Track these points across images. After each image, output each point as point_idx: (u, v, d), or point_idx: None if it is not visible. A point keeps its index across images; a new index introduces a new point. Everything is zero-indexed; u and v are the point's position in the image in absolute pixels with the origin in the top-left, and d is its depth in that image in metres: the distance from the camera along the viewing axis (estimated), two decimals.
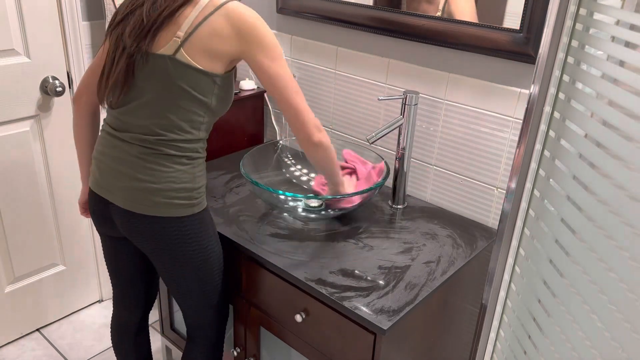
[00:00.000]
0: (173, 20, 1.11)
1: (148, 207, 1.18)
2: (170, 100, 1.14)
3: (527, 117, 0.93)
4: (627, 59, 0.74)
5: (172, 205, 1.18)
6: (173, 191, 1.18)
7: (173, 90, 1.13)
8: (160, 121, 1.15)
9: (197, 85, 1.13)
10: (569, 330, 0.85)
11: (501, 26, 1.31)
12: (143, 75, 1.13)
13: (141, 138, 1.16)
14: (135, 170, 1.17)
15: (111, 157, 1.20)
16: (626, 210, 0.71)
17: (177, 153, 1.17)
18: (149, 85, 1.13)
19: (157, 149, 1.16)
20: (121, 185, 1.19)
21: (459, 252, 1.34)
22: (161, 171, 1.17)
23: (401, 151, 1.49)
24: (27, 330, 2.05)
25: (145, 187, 1.17)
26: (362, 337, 1.14)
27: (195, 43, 1.11)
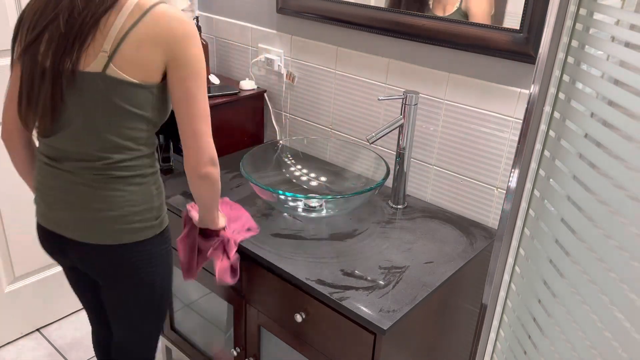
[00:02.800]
0: (98, 29, 0.99)
1: (109, 237, 1.09)
2: (107, 120, 1.03)
3: (527, 117, 0.93)
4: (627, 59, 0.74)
5: (135, 230, 1.10)
6: (133, 215, 1.09)
7: (108, 108, 1.02)
8: (102, 144, 1.05)
9: (133, 99, 1.03)
10: (569, 330, 0.85)
11: (501, 26, 1.31)
12: (73, 98, 1.02)
13: (85, 166, 1.06)
14: (87, 199, 1.07)
15: (55, 188, 1.10)
16: (626, 210, 0.71)
17: (128, 173, 1.08)
18: (82, 107, 1.03)
19: (106, 174, 1.06)
20: (74, 217, 1.09)
21: (458, 252, 1.34)
22: (116, 196, 1.07)
23: (401, 151, 1.49)
24: (27, 330, 2.05)
25: (103, 216, 1.08)
26: (362, 337, 1.14)
27: (125, 55, 1.00)
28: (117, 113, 1.03)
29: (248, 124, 1.91)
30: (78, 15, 0.98)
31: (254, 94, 1.88)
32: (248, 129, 1.92)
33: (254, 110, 1.91)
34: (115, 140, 1.05)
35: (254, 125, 1.94)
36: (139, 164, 1.10)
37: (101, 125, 1.04)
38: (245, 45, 1.95)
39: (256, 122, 1.94)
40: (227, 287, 1.46)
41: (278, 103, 1.92)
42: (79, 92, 1.02)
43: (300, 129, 1.88)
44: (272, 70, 1.88)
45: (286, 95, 1.88)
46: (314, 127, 1.84)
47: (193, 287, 1.68)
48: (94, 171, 1.06)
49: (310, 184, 1.63)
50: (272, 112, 1.95)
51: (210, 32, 2.07)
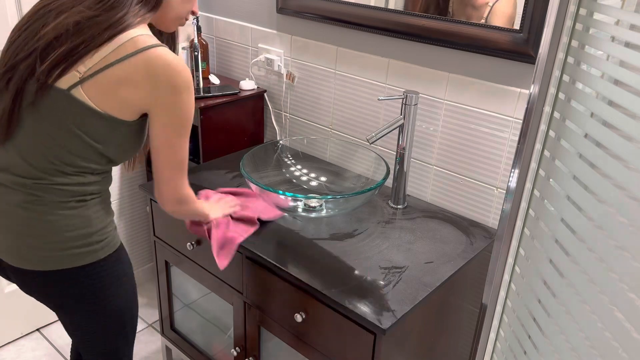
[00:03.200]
0: (88, 56, 0.94)
1: (40, 263, 1.01)
2: (57, 142, 0.97)
3: (527, 117, 0.93)
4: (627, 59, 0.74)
5: (70, 256, 1.02)
6: (68, 241, 1.02)
7: (62, 131, 0.96)
8: (42, 163, 0.98)
9: (91, 130, 0.97)
10: (569, 330, 0.85)
11: (501, 26, 1.31)
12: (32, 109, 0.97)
13: (17, 181, 0.99)
14: (18, 223, 1.00)
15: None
16: (626, 210, 0.71)
17: (63, 199, 1.01)
18: (37, 122, 0.97)
19: (37, 195, 0.99)
20: (8, 241, 1.02)
21: (458, 252, 1.34)
22: (48, 221, 1.00)
23: (401, 151, 1.49)
24: (27, 330, 2.05)
25: (32, 244, 1.01)
26: (362, 337, 1.14)
27: (100, 84, 0.94)
28: (69, 138, 0.97)
29: (248, 124, 1.91)
30: (83, 35, 0.93)
31: (254, 94, 1.88)
32: (248, 129, 1.92)
33: (254, 110, 1.91)
34: (58, 164, 0.99)
35: (254, 125, 1.94)
36: (78, 190, 1.02)
37: (50, 143, 0.97)
38: (245, 45, 1.95)
39: (256, 122, 1.94)
40: (227, 287, 1.46)
41: (278, 103, 1.92)
42: (40, 105, 0.96)
43: (300, 129, 1.88)
44: (272, 70, 1.88)
45: (286, 95, 1.88)
46: (314, 127, 1.84)
47: (193, 287, 1.68)
48: (26, 188, 0.99)
49: (310, 184, 1.63)
50: (272, 112, 1.95)
51: (210, 32, 2.07)
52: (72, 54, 0.93)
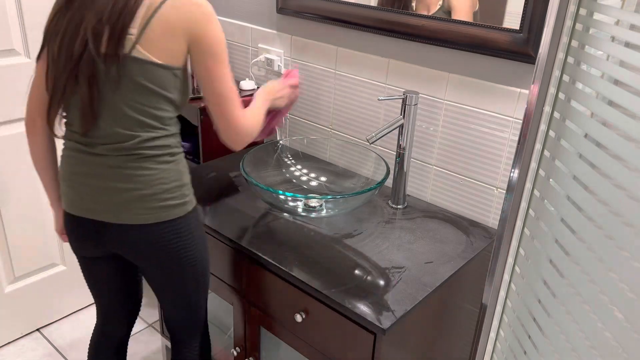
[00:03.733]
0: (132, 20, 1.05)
1: (143, 216, 1.13)
2: (134, 99, 1.08)
3: (527, 117, 0.93)
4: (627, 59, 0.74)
5: (167, 208, 1.14)
6: (165, 192, 1.13)
7: (135, 89, 1.07)
8: (130, 124, 1.09)
9: (157, 80, 1.08)
10: (569, 330, 0.85)
11: (501, 26, 1.31)
12: (106, 82, 1.07)
13: (116, 147, 1.10)
14: (120, 181, 1.11)
15: (85, 175, 1.13)
16: (626, 210, 0.71)
17: (158, 152, 1.13)
18: (110, 91, 1.07)
19: (137, 153, 1.11)
20: (108, 201, 1.12)
21: (458, 252, 1.34)
22: (148, 175, 1.12)
23: (401, 151, 1.49)
24: (27, 330, 2.05)
25: (136, 196, 1.12)
26: (362, 337, 1.14)
27: (150, 38, 1.05)
28: (143, 93, 1.08)
29: None
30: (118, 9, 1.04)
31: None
32: None
33: None
34: (143, 119, 1.09)
35: None
36: (167, 143, 1.14)
37: (129, 105, 1.08)
38: (245, 45, 1.95)
39: None
40: (226, 287, 1.46)
41: None
42: (113, 76, 1.06)
43: (300, 129, 1.88)
44: (272, 70, 1.88)
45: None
46: (314, 127, 1.84)
47: None
48: (125, 151, 1.10)
49: (310, 184, 1.63)
50: None
51: None
52: (118, 23, 1.04)
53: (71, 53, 1.06)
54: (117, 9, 1.04)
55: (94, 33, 1.05)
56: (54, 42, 1.10)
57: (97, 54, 1.05)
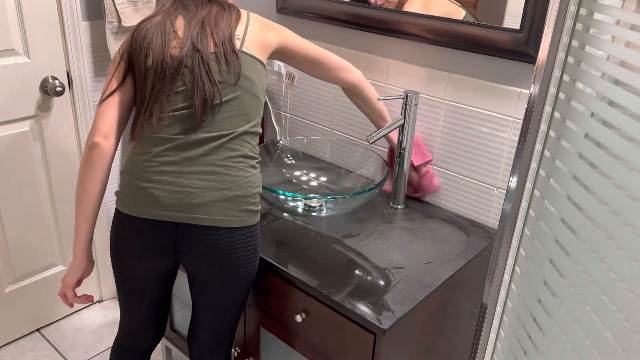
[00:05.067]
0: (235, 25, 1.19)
1: (226, 218, 1.13)
2: (246, 90, 1.15)
3: (527, 117, 0.93)
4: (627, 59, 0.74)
5: (247, 212, 1.15)
6: (250, 197, 1.16)
7: (247, 80, 1.16)
8: (235, 114, 1.15)
9: (260, 74, 1.18)
10: (569, 330, 0.85)
11: (501, 26, 1.31)
12: (217, 72, 1.14)
13: (217, 136, 1.13)
14: (216, 180, 1.12)
15: (179, 173, 1.12)
16: (626, 210, 0.71)
17: (250, 153, 1.17)
18: (226, 84, 1.14)
19: (236, 149, 1.14)
20: (200, 201, 1.11)
21: (459, 252, 1.34)
22: (240, 176, 1.15)
23: (401, 151, 1.49)
24: (27, 330, 2.05)
25: (225, 196, 1.13)
26: (362, 337, 1.14)
27: (250, 38, 1.19)
28: (250, 87, 1.16)
29: None
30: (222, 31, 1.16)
31: None
32: None
33: None
34: (250, 112, 1.17)
35: None
36: (255, 149, 1.20)
37: (240, 99, 1.15)
38: None
39: None
40: None
41: (278, 103, 1.92)
42: (226, 72, 1.13)
43: (300, 129, 1.88)
44: (272, 70, 1.88)
45: (286, 95, 1.88)
46: (314, 127, 1.84)
47: None
48: (227, 143, 1.14)
49: (310, 184, 1.63)
50: (272, 112, 1.95)
51: None
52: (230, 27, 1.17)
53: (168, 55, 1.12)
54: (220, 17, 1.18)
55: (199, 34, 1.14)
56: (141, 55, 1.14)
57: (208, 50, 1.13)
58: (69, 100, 1.87)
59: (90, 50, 1.86)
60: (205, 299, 1.24)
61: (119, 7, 1.74)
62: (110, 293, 2.25)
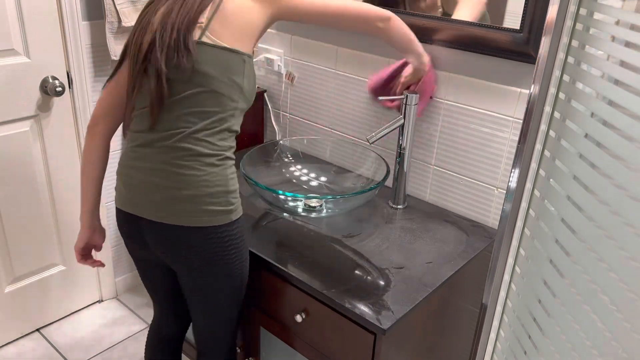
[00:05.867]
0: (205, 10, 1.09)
1: (181, 217, 1.10)
2: (203, 86, 1.08)
3: (527, 117, 0.93)
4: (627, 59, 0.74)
5: (207, 213, 1.10)
6: (207, 196, 1.10)
7: (203, 76, 1.07)
8: (191, 112, 1.09)
9: (227, 65, 1.08)
10: (569, 330, 0.85)
11: (501, 26, 1.31)
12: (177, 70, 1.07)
13: (169, 135, 1.09)
14: (166, 178, 1.10)
15: (141, 170, 1.13)
16: (626, 210, 0.71)
17: (207, 151, 1.10)
18: (179, 80, 1.08)
19: (185, 147, 1.09)
20: (152, 198, 1.12)
21: (459, 252, 1.34)
22: (191, 175, 1.09)
23: (401, 151, 1.49)
24: (27, 330, 2.05)
25: (176, 195, 1.10)
26: (362, 337, 1.14)
27: (220, 23, 1.08)
28: (211, 79, 1.08)
29: (248, 124, 1.91)
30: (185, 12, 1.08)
31: None
32: (248, 129, 1.92)
33: (254, 110, 1.91)
34: (205, 108, 1.09)
35: (254, 125, 1.94)
36: (220, 145, 1.12)
37: (195, 93, 1.08)
38: None
39: (256, 122, 1.94)
40: None
41: (278, 103, 1.92)
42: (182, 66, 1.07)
43: (300, 129, 1.88)
44: (272, 70, 1.88)
45: (286, 95, 1.88)
46: (314, 127, 1.84)
47: None
48: (176, 142, 1.09)
49: (310, 184, 1.63)
50: (271, 112, 1.95)
51: None
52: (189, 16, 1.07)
53: (139, 46, 1.09)
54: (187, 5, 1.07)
55: (161, 25, 1.07)
56: (132, 43, 1.12)
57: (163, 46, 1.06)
58: (69, 100, 1.87)
59: (90, 50, 1.86)
60: (186, 293, 1.25)
61: (119, 7, 1.74)
62: (110, 293, 2.25)
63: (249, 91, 1.15)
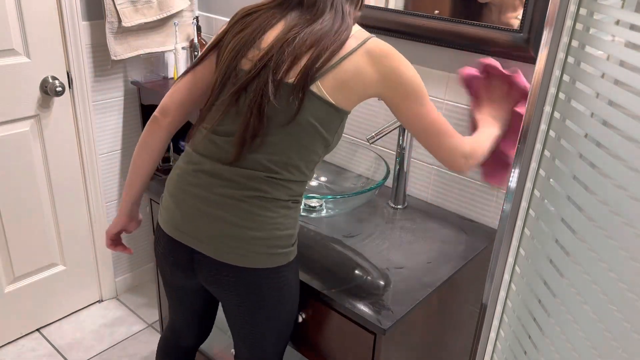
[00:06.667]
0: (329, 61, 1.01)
1: (245, 258, 1.04)
2: (294, 135, 1.02)
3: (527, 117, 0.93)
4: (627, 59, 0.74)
5: (273, 255, 1.05)
6: (276, 239, 1.05)
7: (301, 124, 1.01)
8: (277, 157, 1.02)
9: (324, 120, 1.03)
10: (569, 330, 0.85)
11: (501, 26, 1.31)
12: (272, 107, 1.01)
13: (252, 175, 1.03)
14: (235, 215, 1.03)
15: (200, 197, 1.05)
16: (626, 210, 0.71)
17: (285, 197, 1.05)
18: (276, 118, 1.01)
19: (264, 190, 1.03)
20: (213, 233, 1.04)
21: (459, 252, 1.34)
22: (266, 216, 1.03)
23: (401, 151, 1.49)
24: (27, 330, 2.05)
25: (245, 235, 1.03)
26: (362, 337, 1.14)
27: (335, 77, 1.01)
28: (306, 130, 1.02)
29: None
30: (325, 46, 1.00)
31: None
32: None
33: None
34: (292, 158, 1.04)
35: None
36: (297, 190, 1.07)
37: (287, 138, 1.02)
38: None
39: None
40: None
41: None
42: (279, 102, 1.00)
43: None
44: None
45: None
46: None
47: None
48: (255, 182, 1.03)
49: (310, 184, 1.63)
50: None
51: (210, 32, 2.07)
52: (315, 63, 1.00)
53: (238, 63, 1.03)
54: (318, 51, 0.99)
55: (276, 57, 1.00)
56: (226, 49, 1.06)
57: (274, 80, 0.99)
58: (69, 100, 1.87)
59: (90, 50, 1.87)
60: (232, 325, 1.20)
61: (119, 7, 1.74)
62: (110, 293, 2.25)
63: (333, 147, 1.10)
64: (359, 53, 1.02)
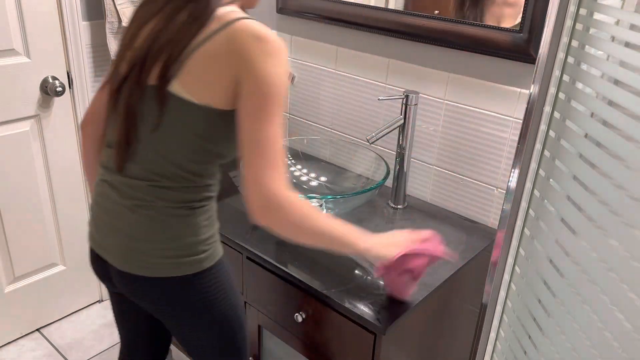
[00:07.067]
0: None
1: (146, 269, 0.99)
2: (165, 142, 0.94)
3: (527, 117, 0.93)
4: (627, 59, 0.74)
5: (175, 265, 0.99)
6: (174, 249, 0.98)
7: (169, 129, 0.92)
8: (153, 166, 0.96)
9: (197, 123, 0.91)
10: (569, 330, 0.85)
11: (501, 26, 1.31)
12: (140, 113, 0.94)
13: (134, 184, 0.97)
14: (129, 225, 0.98)
15: (104, 209, 1.02)
16: (626, 210, 0.71)
17: (175, 204, 0.97)
18: (145, 124, 0.95)
19: (148, 199, 0.97)
20: (116, 243, 1.01)
21: (458, 252, 1.34)
22: (155, 226, 0.98)
23: (401, 151, 1.49)
24: (27, 330, 2.05)
25: (141, 246, 0.98)
26: (362, 337, 1.14)
27: (190, 71, 0.88)
28: (174, 135, 0.93)
29: None
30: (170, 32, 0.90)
31: None
32: None
33: None
34: (167, 166, 0.95)
35: None
36: (189, 197, 0.98)
37: (156, 144, 0.95)
38: None
39: None
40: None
41: None
42: (143, 107, 0.94)
43: (300, 129, 1.88)
44: None
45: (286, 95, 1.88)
46: (314, 127, 1.84)
47: None
48: (140, 192, 0.97)
49: (310, 184, 1.63)
50: None
51: None
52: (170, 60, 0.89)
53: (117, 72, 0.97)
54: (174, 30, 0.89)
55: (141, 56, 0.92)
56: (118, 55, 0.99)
57: (138, 83, 0.93)
58: (69, 100, 1.87)
59: (90, 50, 1.86)
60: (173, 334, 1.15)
61: (119, 7, 1.74)
62: None
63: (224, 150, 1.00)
64: (218, 37, 0.87)
